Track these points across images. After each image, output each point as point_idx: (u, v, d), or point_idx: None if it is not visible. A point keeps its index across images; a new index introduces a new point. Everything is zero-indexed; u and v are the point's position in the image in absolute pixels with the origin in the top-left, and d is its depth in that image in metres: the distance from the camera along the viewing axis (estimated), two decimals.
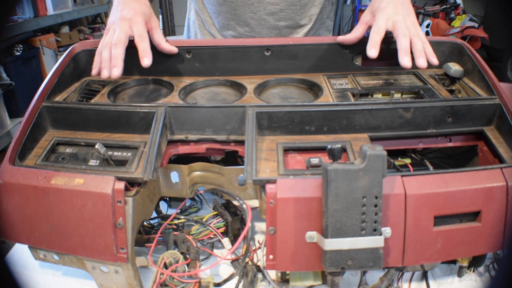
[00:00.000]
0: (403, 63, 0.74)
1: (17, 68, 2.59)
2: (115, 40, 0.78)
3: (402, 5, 0.81)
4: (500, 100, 0.74)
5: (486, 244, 0.63)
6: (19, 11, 2.70)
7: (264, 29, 1.08)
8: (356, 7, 5.75)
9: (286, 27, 1.09)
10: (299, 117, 0.72)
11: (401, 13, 0.80)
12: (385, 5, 0.81)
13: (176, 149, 0.74)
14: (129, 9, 0.82)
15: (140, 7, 0.83)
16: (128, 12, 0.82)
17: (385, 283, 0.65)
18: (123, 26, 0.80)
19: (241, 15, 1.06)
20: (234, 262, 0.73)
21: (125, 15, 0.81)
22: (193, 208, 0.89)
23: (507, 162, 0.67)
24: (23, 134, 0.71)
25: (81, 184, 0.63)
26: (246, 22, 1.07)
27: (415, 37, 0.77)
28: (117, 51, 0.77)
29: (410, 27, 0.78)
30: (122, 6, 0.83)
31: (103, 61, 0.78)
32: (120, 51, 0.77)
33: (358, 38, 0.86)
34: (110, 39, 0.79)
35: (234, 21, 1.08)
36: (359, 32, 0.86)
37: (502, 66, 4.34)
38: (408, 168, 0.80)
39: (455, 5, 4.80)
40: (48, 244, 0.66)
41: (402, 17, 0.79)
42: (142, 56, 0.78)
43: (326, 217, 0.55)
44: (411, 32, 0.77)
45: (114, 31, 0.80)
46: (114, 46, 0.77)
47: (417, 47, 0.76)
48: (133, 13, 0.81)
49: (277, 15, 1.06)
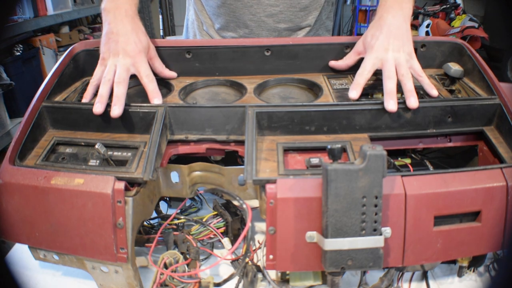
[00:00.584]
0: (387, 107, 0.72)
1: (17, 68, 2.59)
2: (118, 78, 0.75)
3: (395, 37, 0.77)
4: (500, 100, 0.74)
5: (486, 244, 0.63)
6: (19, 11, 2.70)
7: (264, 31, 1.08)
8: (356, 7, 5.76)
9: (285, 29, 1.09)
10: (299, 117, 0.72)
11: (392, 49, 0.76)
12: (375, 42, 0.78)
13: (176, 149, 0.74)
14: (130, 44, 0.78)
15: (140, 41, 0.80)
16: (131, 47, 0.78)
17: (385, 283, 0.65)
18: (125, 63, 0.77)
19: (240, 17, 1.06)
20: (234, 262, 0.73)
21: (127, 51, 0.78)
22: (193, 208, 0.89)
23: (507, 162, 0.67)
24: (23, 134, 0.71)
25: (81, 184, 0.63)
26: (245, 24, 1.07)
27: (404, 78, 0.74)
28: (119, 90, 0.74)
29: (400, 65, 0.75)
30: (121, 38, 0.78)
31: (100, 96, 0.74)
32: (123, 91, 0.74)
33: (348, 66, 0.87)
34: (110, 76, 0.75)
35: (233, 23, 1.08)
36: (350, 61, 0.86)
37: (502, 66, 4.34)
38: (408, 168, 0.80)
39: (455, 5, 4.80)
40: (48, 244, 0.66)
41: (392, 55, 0.76)
42: (153, 97, 0.76)
43: (326, 217, 0.55)
44: (400, 71, 0.75)
45: (115, 66, 0.76)
46: (117, 84, 0.74)
47: (406, 87, 0.73)
48: (136, 51, 0.78)
49: (276, 17, 1.06)
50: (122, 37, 0.78)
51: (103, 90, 0.74)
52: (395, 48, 0.77)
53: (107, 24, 0.80)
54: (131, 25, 0.80)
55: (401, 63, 0.76)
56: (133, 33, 0.80)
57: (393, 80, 0.74)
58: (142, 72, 0.78)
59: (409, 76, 0.75)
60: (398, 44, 0.77)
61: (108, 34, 0.79)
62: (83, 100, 0.78)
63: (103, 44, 0.80)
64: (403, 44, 0.77)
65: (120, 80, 0.75)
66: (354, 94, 0.76)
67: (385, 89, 0.74)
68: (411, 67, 0.77)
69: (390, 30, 0.78)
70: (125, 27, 0.79)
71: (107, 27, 0.80)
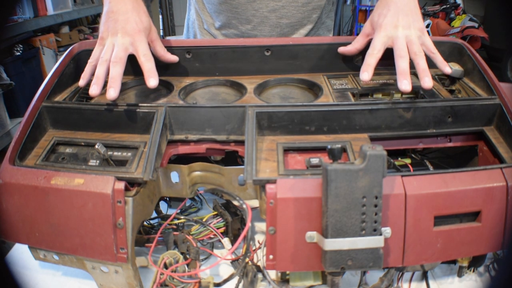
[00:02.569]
0: (401, 88, 0.70)
1: (17, 68, 2.59)
2: (114, 58, 0.72)
3: (404, 14, 0.75)
4: (500, 100, 0.74)
5: (486, 244, 0.63)
6: (19, 11, 2.70)
7: (266, 27, 1.08)
8: (356, 7, 5.76)
9: (287, 25, 1.08)
10: (299, 117, 0.72)
11: (402, 26, 0.74)
12: (383, 20, 0.76)
13: (176, 149, 0.74)
14: (129, 23, 0.75)
15: (141, 20, 0.77)
16: (130, 26, 0.75)
17: (385, 283, 0.65)
18: (124, 42, 0.74)
19: (243, 13, 1.06)
20: (234, 262, 0.73)
21: (126, 30, 0.75)
22: (193, 208, 0.89)
23: (507, 162, 0.67)
24: (23, 134, 0.71)
25: (81, 184, 0.63)
26: (248, 20, 1.07)
27: (417, 56, 0.72)
28: (116, 70, 0.71)
29: (412, 42, 0.73)
30: (121, 17, 0.76)
31: (96, 77, 0.71)
32: (119, 71, 0.71)
33: (358, 50, 0.85)
34: (107, 56, 0.73)
35: (236, 20, 1.08)
36: (359, 44, 0.84)
37: (502, 66, 4.34)
38: (408, 168, 0.80)
39: (455, 5, 4.81)
40: (48, 244, 0.66)
41: (402, 32, 0.74)
42: (149, 77, 0.73)
43: (326, 217, 0.55)
44: (413, 49, 0.72)
45: (113, 45, 0.74)
46: (113, 64, 0.71)
47: (420, 67, 0.71)
48: (135, 30, 0.75)
49: (278, 12, 1.06)
50: (122, 16, 0.76)
51: (100, 71, 0.72)
52: (405, 25, 0.74)
53: (108, 3, 0.78)
54: (132, 4, 0.78)
55: (413, 40, 0.73)
56: (134, 12, 0.77)
57: (406, 58, 0.72)
58: (140, 51, 0.75)
59: (422, 54, 0.72)
60: (407, 20, 0.74)
61: (108, 13, 0.77)
62: (81, 80, 0.76)
63: (102, 24, 0.77)
64: (413, 21, 0.75)
65: (117, 60, 0.72)
66: (365, 76, 0.74)
67: (398, 69, 0.71)
68: (423, 43, 0.74)
69: (397, 7, 0.76)
70: (126, 6, 0.77)
71: (107, 6, 0.78)
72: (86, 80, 0.76)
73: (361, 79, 0.75)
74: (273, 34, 1.09)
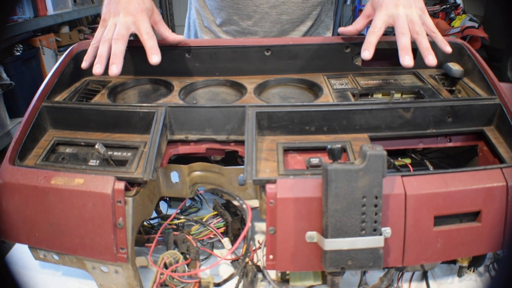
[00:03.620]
0: (403, 63, 0.70)
1: (17, 68, 2.59)
2: (117, 35, 0.72)
3: None
4: (500, 100, 0.74)
5: (486, 244, 0.63)
6: (19, 11, 2.70)
7: (267, 23, 1.08)
8: (356, 7, 5.75)
9: (288, 21, 1.09)
10: (299, 117, 0.72)
11: (403, 5, 0.74)
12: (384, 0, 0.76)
13: (176, 149, 0.74)
14: (132, 3, 0.75)
15: (143, 2, 0.77)
16: (132, 7, 0.75)
17: (385, 283, 0.65)
18: (126, 21, 0.74)
19: (244, 8, 1.06)
20: (234, 262, 0.73)
21: (128, 10, 0.75)
22: (193, 208, 0.89)
23: (507, 162, 0.67)
24: (23, 134, 0.71)
25: (81, 184, 0.63)
26: (249, 16, 1.07)
27: (419, 36, 0.72)
28: (118, 47, 0.71)
29: (414, 22, 0.73)
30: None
31: (99, 56, 0.71)
32: (121, 48, 0.71)
33: (358, 31, 0.84)
34: (109, 35, 0.73)
35: (237, 15, 1.08)
36: (360, 25, 0.84)
37: (502, 66, 4.34)
38: (408, 168, 0.80)
39: (455, 5, 4.80)
40: (48, 244, 0.66)
41: (403, 11, 0.74)
42: (151, 53, 0.73)
43: (326, 217, 0.55)
44: (414, 28, 0.73)
45: (115, 25, 0.74)
46: (115, 41, 0.71)
47: (422, 46, 0.72)
48: (137, 9, 0.75)
49: (279, 8, 1.06)
50: None
51: (102, 50, 0.72)
52: (405, 4, 0.74)
53: None
54: None
55: (414, 19, 0.73)
56: None
57: (407, 35, 0.72)
58: (143, 29, 0.75)
59: (424, 33, 0.73)
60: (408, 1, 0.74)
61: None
62: (83, 63, 0.76)
63: (104, 6, 0.77)
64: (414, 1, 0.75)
65: (119, 37, 0.72)
66: (367, 54, 0.74)
67: (399, 45, 0.72)
68: (424, 23, 0.74)
69: None
70: None
71: None
72: (88, 63, 0.75)
73: (362, 57, 0.75)
74: (273, 30, 1.09)
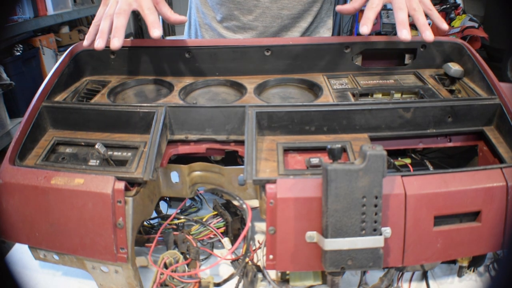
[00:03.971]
0: (401, 37, 0.71)
1: (17, 68, 2.60)
2: (118, 10, 0.71)
3: None
4: (500, 100, 0.74)
5: (486, 244, 0.63)
6: (19, 11, 2.71)
7: (268, 18, 1.08)
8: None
9: (288, 17, 1.09)
10: (299, 117, 0.72)
11: None
12: None
13: (176, 149, 0.74)
14: None
15: None
16: None
17: (385, 283, 0.65)
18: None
19: (245, 3, 1.07)
20: (234, 262, 0.73)
21: None
22: (193, 208, 0.89)
23: (507, 162, 0.67)
24: (23, 134, 0.71)
25: (81, 184, 0.63)
26: (249, 10, 1.08)
27: (417, 12, 0.73)
28: (119, 20, 0.70)
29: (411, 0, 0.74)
30: None
31: (101, 31, 0.71)
32: (123, 22, 0.70)
33: (356, 9, 0.84)
34: (111, 11, 0.72)
35: (238, 10, 1.08)
36: (358, 3, 0.83)
37: (502, 66, 4.34)
38: (408, 168, 0.80)
39: (455, 5, 4.80)
40: (48, 244, 0.66)
41: None
42: (153, 27, 0.72)
43: (326, 217, 0.55)
44: (412, 5, 0.74)
45: (116, 2, 0.74)
46: (116, 16, 0.71)
47: (420, 22, 0.73)
48: None
49: (280, 3, 1.07)
50: None
51: (104, 25, 0.72)
52: None
53: None
54: None
55: None
56: None
57: (404, 10, 0.73)
58: (144, 5, 0.74)
59: (421, 10, 0.74)
60: None
61: None
62: (85, 41, 0.76)
63: None
64: None
65: (120, 12, 0.72)
66: (365, 29, 0.74)
67: (397, 19, 0.73)
68: (421, 0, 0.75)
69: None
70: None
71: None
72: (89, 41, 0.75)
73: (361, 32, 0.75)
74: (274, 25, 1.10)
